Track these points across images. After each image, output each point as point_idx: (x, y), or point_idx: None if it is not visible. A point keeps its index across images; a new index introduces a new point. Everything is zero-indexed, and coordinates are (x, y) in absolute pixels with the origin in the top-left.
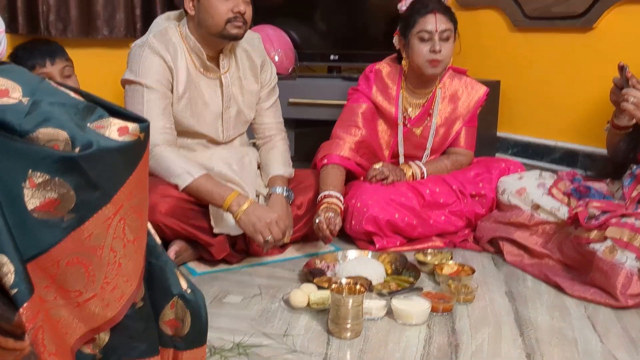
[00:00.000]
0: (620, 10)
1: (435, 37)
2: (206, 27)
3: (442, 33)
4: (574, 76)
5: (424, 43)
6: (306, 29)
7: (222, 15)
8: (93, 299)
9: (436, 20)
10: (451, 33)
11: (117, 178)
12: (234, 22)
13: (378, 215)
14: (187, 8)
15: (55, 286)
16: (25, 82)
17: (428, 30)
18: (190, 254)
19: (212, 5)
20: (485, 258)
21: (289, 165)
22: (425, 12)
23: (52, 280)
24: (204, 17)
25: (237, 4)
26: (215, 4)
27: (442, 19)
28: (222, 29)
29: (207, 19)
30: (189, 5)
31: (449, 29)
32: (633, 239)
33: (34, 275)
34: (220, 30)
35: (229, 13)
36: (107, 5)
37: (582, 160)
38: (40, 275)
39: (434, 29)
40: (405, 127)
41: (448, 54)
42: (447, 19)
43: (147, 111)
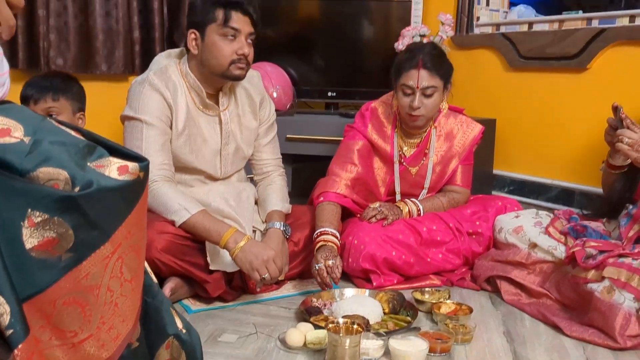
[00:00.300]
0: (613, 51)
1: (417, 93)
2: (209, 67)
3: (424, 90)
4: (568, 115)
5: (406, 96)
6: (304, 66)
7: (227, 57)
8: (89, 339)
9: (419, 77)
10: (435, 90)
11: (116, 217)
12: (237, 64)
13: (375, 252)
14: (191, 47)
15: (51, 326)
16: (27, 121)
17: (409, 86)
18: (186, 290)
19: (217, 46)
20: (483, 297)
21: (286, 201)
22: (410, 66)
23: (48, 320)
24: (208, 57)
25: (241, 47)
26: (220, 45)
27: (426, 75)
28: (226, 69)
29: (211, 60)
30: (192, 44)
31: (432, 86)
32: (631, 279)
33: (29, 315)
34: (223, 70)
35: (233, 55)
36: (107, 41)
37: (579, 198)
38: (36, 315)
39: (415, 85)
40: (401, 165)
41: (430, 109)
42: (433, 75)
43: (146, 147)
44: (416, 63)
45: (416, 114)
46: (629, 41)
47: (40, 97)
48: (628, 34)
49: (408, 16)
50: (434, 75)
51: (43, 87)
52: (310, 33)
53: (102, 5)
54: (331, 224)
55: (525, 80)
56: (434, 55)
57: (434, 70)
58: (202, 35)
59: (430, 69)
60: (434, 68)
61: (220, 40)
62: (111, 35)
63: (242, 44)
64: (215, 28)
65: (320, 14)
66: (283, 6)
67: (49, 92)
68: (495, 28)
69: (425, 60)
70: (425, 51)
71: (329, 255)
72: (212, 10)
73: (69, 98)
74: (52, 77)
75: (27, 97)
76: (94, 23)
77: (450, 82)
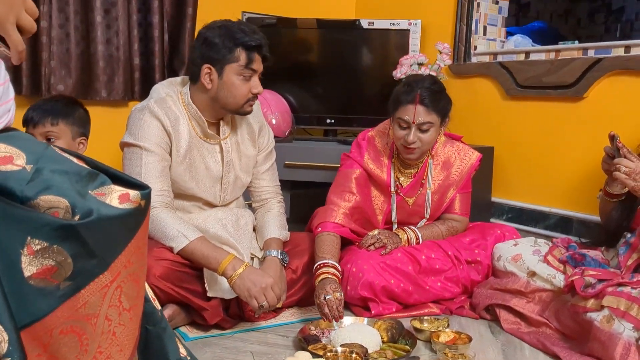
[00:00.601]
0: (609, 81)
1: (412, 128)
2: (224, 104)
3: (420, 125)
4: (566, 144)
5: (402, 129)
6: (303, 93)
7: (244, 96)
8: None
9: (415, 112)
10: (432, 125)
11: (116, 246)
12: (250, 101)
13: (373, 280)
14: (204, 81)
15: (48, 355)
16: (30, 149)
17: (405, 120)
18: (183, 318)
19: (235, 85)
20: (482, 326)
21: (284, 229)
22: (407, 100)
23: (45, 349)
24: (224, 94)
25: (256, 85)
26: (238, 84)
27: (423, 111)
28: (240, 107)
29: (228, 97)
30: (207, 79)
31: (428, 122)
32: (630, 308)
33: (26, 344)
34: (237, 108)
35: (249, 94)
36: (107, 68)
37: (577, 226)
38: (32, 344)
39: (411, 120)
40: (398, 195)
41: (425, 143)
42: (430, 111)
43: (145, 173)
44: (413, 98)
45: (411, 146)
46: (624, 71)
47: (40, 120)
48: (624, 63)
49: (406, 45)
50: (431, 112)
51: (44, 111)
52: (309, 61)
53: (103, 33)
54: (332, 255)
55: (522, 109)
56: (432, 91)
57: (431, 106)
58: (219, 72)
59: (428, 104)
60: (431, 104)
61: (239, 80)
62: (112, 62)
63: (256, 83)
64: (235, 68)
65: (319, 41)
66: (282, 34)
67: (49, 116)
68: (493, 57)
69: (423, 96)
70: (424, 86)
71: (337, 287)
72: (234, 50)
73: (69, 123)
74: (54, 101)
75: (27, 120)
76: (95, 50)
77: (449, 117)
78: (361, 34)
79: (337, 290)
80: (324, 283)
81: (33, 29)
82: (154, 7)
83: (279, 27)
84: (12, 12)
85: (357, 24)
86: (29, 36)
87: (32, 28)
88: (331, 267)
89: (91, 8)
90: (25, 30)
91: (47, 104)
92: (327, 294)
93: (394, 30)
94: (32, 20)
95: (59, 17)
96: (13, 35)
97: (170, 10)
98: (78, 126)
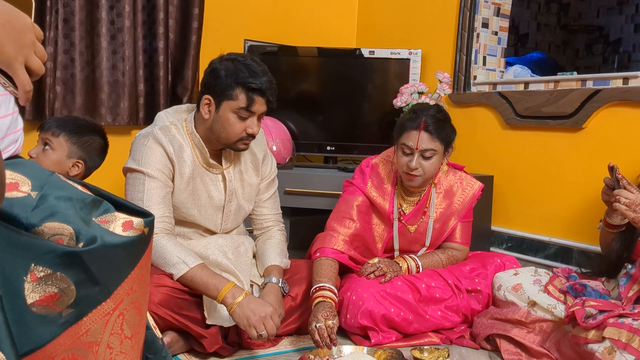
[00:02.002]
0: (609, 111)
1: (415, 154)
2: (217, 136)
3: (423, 151)
4: (565, 174)
5: (405, 155)
6: (304, 120)
7: (237, 135)
8: None
9: (419, 139)
10: (435, 153)
11: (119, 273)
12: (244, 140)
13: (373, 309)
14: (203, 111)
15: None
16: (35, 176)
17: (409, 146)
18: (182, 345)
19: (229, 122)
20: (482, 356)
21: (285, 257)
22: (411, 127)
23: None
24: (218, 128)
25: (251, 125)
26: (233, 121)
27: (426, 138)
28: (232, 144)
29: (221, 132)
30: (205, 109)
31: (431, 149)
32: (631, 340)
33: None
34: (229, 144)
35: (243, 133)
36: (112, 93)
37: (577, 256)
38: None
39: (414, 146)
40: (400, 222)
41: (428, 171)
42: (433, 138)
43: (148, 199)
44: (418, 124)
45: (413, 174)
46: (623, 102)
47: (48, 127)
48: (622, 95)
49: (407, 73)
50: (435, 139)
51: (57, 120)
52: (310, 88)
53: (108, 59)
54: (329, 279)
55: (522, 138)
56: (437, 119)
57: (435, 133)
58: (216, 105)
59: (432, 132)
60: (435, 131)
61: (234, 118)
62: (117, 87)
63: (253, 124)
64: (232, 106)
65: (319, 70)
66: (284, 62)
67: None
68: (492, 87)
69: (427, 123)
70: (429, 114)
71: (329, 314)
72: (234, 89)
73: (72, 142)
74: (76, 118)
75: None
76: (100, 75)
77: (452, 147)
78: (362, 63)
79: (330, 317)
80: (317, 308)
81: (41, 72)
82: (159, 33)
83: (280, 55)
84: (22, 52)
85: (357, 52)
86: (36, 78)
87: (41, 70)
88: (327, 290)
89: (97, 34)
90: (34, 72)
91: (67, 118)
92: (317, 322)
93: (395, 59)
94: (40, 63)
95: (64, 43)
96: (21, 76)
97: (174, 38)
98: (81, 149)
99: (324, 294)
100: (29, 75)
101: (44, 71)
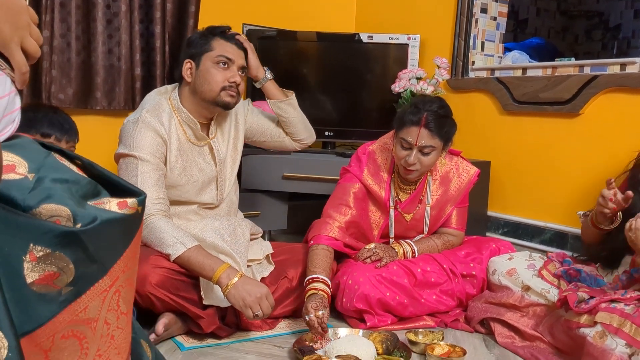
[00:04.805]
0: (605, 97)
1: (414, 150)
2: (201, 93)
3: (422, 148)
4: (562, 159)
5: (404, 149)
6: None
7: (219, 83)
8: None
9: (419, 135)
10: (433, 149)
11: (115, 251)
12: (228, 90)
13: (369, 293)
14: (185, 75)
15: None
16: (32, 157)
17: (408, 141)
18: (179, 327)
19: (210, 72)
20: (476, 339)
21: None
22: (412, 122)
23: (45, 355)
24: (201, 82)
25: (233, 75)
26: (213, 72)
27: (426, 135)
28: (217, 95)
29: (204, 85)
30: (187, 73)
31: (430, 145)
32: (623, 325)
33: (27, 351)
34: (214, 96)
35: (225, 82)
36: (108, 78)
37: (572, 241)
38: (34, 350)
39: (414, 142)
40: (396, 210)
41: (426, 165)
42: (433, 135)
43: (142, 182)
44: (419, 120)
45: (411, 168)
46: (620, 88)
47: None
48: (619, 81)
49: (405, 59)
50: (434, 136)
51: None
52: (308, 73)
53: (105, 43)
54: (323, 269)
55: (519, 124)
56: (438, 115)
57: (436, 130)
58: (197, 64)
59: (432, 129)
60: (435, 128)
61: (213, 68)
62: (113, 72)
63: (233, 73)
64: (210, 56)
65: (318, 54)
66: (282, 46)
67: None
68: (490, 72)
69: (428, 120)
70: (431, 109)
71: (319, 305)
72: (209, 42)
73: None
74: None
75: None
76: (96, 60)
77: (451, 141)
78: (360, 48)
79: (320, 307)
80: (308, 300)
81: (37, 54)
82: (156, 17)
83: (278, 40)
84: (17, 33)
85: (356, 38)
86: (32, 62)
87: (36, 53)
88: (321, 282)
89: (93, 18)
90: (30, 54)
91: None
92: (308, 314)
93: (393, 44)
94: (36, 45)
95: (61, 27)
96: (17, 56)
97: (171, 22)
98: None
99: (316, 287)
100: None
101: (39, 54)
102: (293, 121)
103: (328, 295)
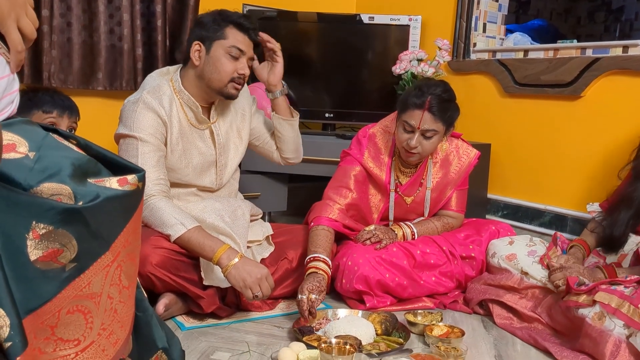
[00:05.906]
0: (607, 80)
1: (417, 133)
2: (208, 80)
3: (424, 131)
4: (562, 142)
5: (406, 132)
6: (302, 87)
7: (228, 74)
8: (91, 346)
9: (422, 119)
10: (436, 133)
11: (116, 226)
12: (235, 82)
13: (369, 274)
14: (193, 57)
15: (55, 337)
16: (32, 137)
17: (410, 124)
18: (180, 307)
19: (221, 62)
20: (475, 320)
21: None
22: (415, 105)
23: (52, 331)
24: (210, 70)
25: (243, 67)
26: (224, 61)
27: (429, 119)
28: (224, 86)
29: (213, 73)
30: (196, 55)
31: (433, 129)
32: (621, 306)
33: (34, 328)
34: (221, 87)
35: (234, 73)
36: (109, 58)
37: (571, 224)
38: (40, 327)
39: (416, 125)
40: (397, 193)
41: (427, 149)
42: (436, 120)
43: (142, 163)
44: (422, 103)
45: (413, 151)
46: (622, 70)
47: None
48: (621, 63)
49: (406, 40)
50: (437, 120)
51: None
52: (309, 54)
53: (106, 23)
54: (324, 249)
55: (520, 106)
56: (442, 99)
57: (439, 114)
58: (207, 48)
59: (435, 113)
60: (438, 112)
61: (224, 57)
62: (114, 52)
63: (243, 65)
64: (222, 44)
65: (319, 35)
66: (282, 27)
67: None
68: (492, 54)
69: (432, 104)
70: (435, 93)
71: (314, 287)
72: (222, 29)
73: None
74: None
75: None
76: (97, 40)
77: (454, 126)
78: (361, 29)
79: (314, 291)
80: (307, 279)
81: (32, 35)
82: None
83: (279, 20)
84: (14, 10)
85: (357, 18)
86: (28, 45)
87: (32, 34)
88: (321, 261)
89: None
90: (25, 34)
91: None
92: (302, 294)
93: (394, 25)
94: (32, 26)
95: (61, 6)
96: (13, 34)
97: (172, 1)
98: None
99: (316, 265)
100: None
101: (35, 36)
102: (288, 140)
103: (328, 275)
